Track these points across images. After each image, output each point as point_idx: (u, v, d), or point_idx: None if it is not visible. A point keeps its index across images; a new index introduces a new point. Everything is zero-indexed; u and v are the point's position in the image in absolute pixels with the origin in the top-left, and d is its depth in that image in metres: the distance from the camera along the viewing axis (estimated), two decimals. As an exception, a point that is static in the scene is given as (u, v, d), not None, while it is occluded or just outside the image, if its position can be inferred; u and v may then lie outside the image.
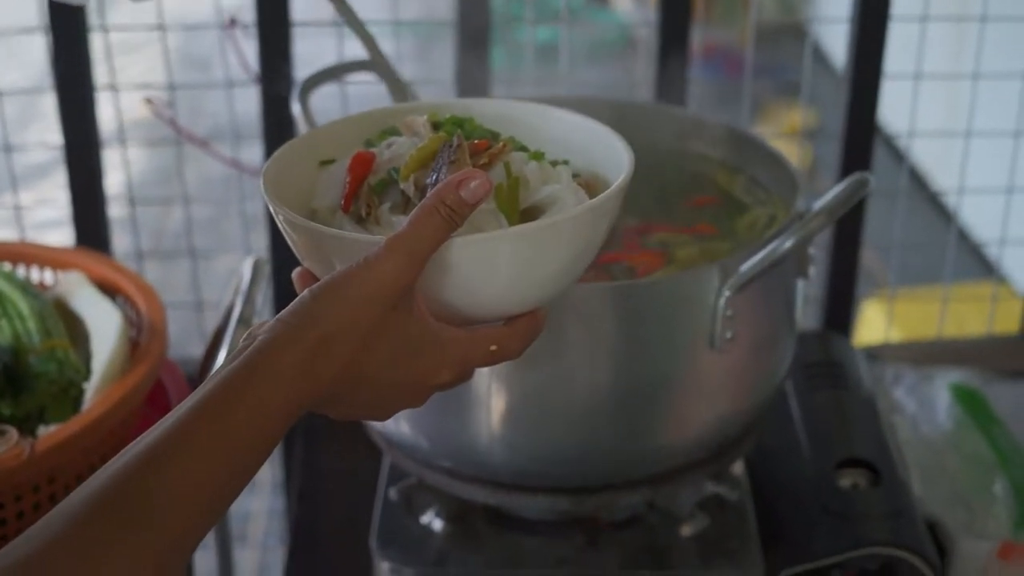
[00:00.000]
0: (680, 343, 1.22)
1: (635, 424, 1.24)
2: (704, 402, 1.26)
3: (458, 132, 0.96)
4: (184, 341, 2.21)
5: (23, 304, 1.38)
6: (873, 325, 2.47)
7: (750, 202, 1.43)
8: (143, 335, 1.38)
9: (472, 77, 1.73)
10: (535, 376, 1.21)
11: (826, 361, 1.57)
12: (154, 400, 1.45)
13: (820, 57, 4.48)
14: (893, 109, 1.82)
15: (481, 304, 0.91)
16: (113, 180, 1.75)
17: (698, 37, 1.71)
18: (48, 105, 1.70)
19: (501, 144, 0.96)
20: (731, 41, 4.72)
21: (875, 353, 1.77)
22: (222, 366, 0.84)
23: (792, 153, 3.96)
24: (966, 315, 2.21)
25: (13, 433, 1.23)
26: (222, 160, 1.70)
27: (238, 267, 1.44)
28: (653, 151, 1.49)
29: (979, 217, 2.79)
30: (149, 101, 1.67)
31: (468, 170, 0.88)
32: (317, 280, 0.91)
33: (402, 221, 0.90)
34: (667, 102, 1.73)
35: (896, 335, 2.21)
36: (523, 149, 0.97)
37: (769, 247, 1.19)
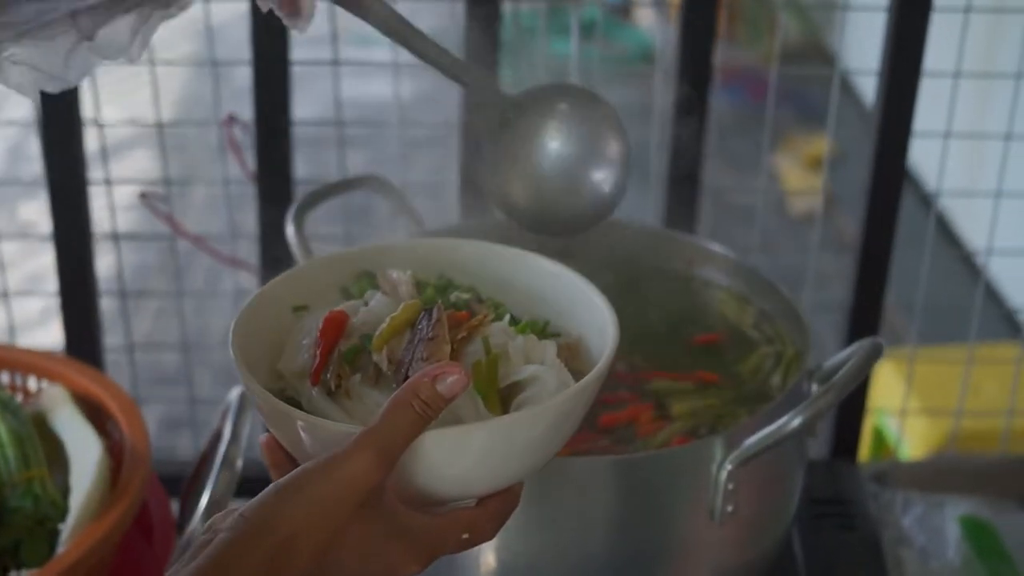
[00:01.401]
0: (679, 516, 1.17)
1: (630, 594, 1.19)
2: (704, 571, 1.22)
3: (438, 304, 0.91)
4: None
5: (3, 427, 1.34)
6: (888, 387, 2.36)
7: (757, 338, 1.37)
8: (125, 461, 1.33)
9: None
10: (526, 546, 1.16)
11: (834, 498, 1.51)
12: (137, 520, 1.41)
13: (844, 84, 4.41)
14: (920, 160, 1.70)
15: (453, 487, 0.87)
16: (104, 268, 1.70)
17: (719, 58, 1.63)
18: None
19: (482, 316, 0.92)
20: (752, 63, 4.65)
21: (884, 472, 1.72)
22: (184, 562, 0.80)
23: (813, 183, 3.91)
24: (986, 378, 2.12)
25: (-18, 587, 1.18)
26: (217, 258, 1.66)
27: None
28: (657, 276, 1.44)
29: (1007, 276, 2.70)
30: (143, 196, 1.62)
31: (445, 364, 0.84)
32: (283, 451, 0.89)
33: (373, 395, 0.88)
34: (686, 128, 1.66)
35: (914, 402, 2.11)
36: (503, 316, 0.93)
37: (777, 423, 1.14)
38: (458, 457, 0.85)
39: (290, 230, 1.37)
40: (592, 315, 0.96)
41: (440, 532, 0.86)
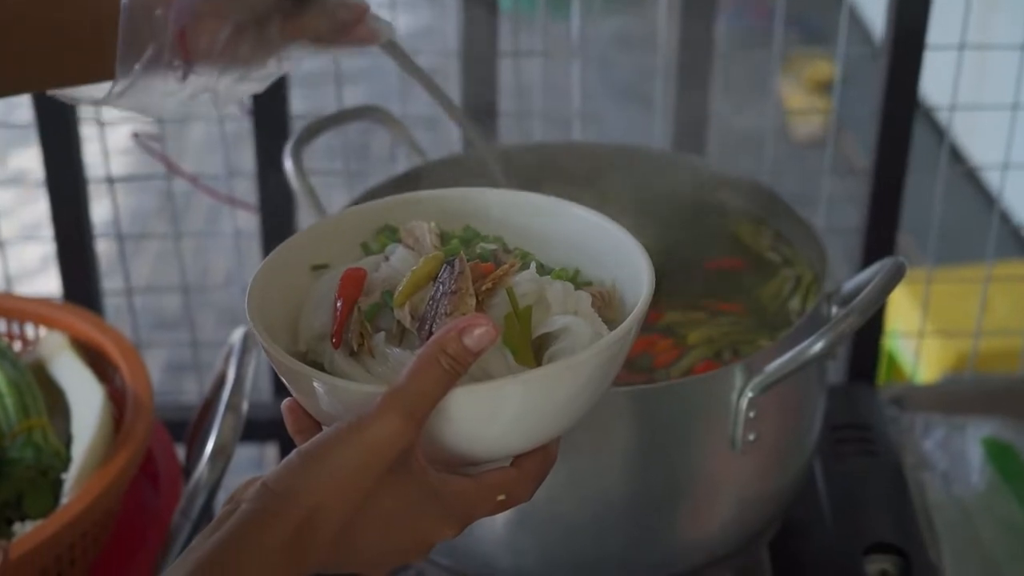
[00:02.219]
0: (699, 447, 1.14)
1: (651, 527, 1.17)
2: (725, 501, 1.19)
3: (460, 255, 0.85)
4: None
5: (0, 376, 1.30)
6: (898, 310, 2.31)
7: (775, 260, 1.34)
8: (128, 408, 1.30)
9: (479, 25, 1.59)
10: (545, 480, 1.13)
11: (853, 423, 1.48)
12: (143, 467, 1.38)
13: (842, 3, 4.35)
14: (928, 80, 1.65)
15: (484, 447, 0.82)
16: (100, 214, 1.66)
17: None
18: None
19: (507, 265, 0.86)
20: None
21: (902, 395, 1.68)
22: (206, 533, 0.76)
23: (817, 107, 3.85)
24: (998, 297, 2.07)
25: (-15, 538, 1.15)
26: (214, 196, 1.62)
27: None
28: (669, 203, 1.40)
29: (1013, 192, 2.63)
30: (136, 136, 1.58)
31: (472, 316, 0.79)
32: (307, 415, 0.84)
33: (398, 354, 0.83)
34: (691, 52, 1.62)
35: (930, 325, 2.07)
36: (529, 265, 0.88)
37: (798, 347, 1.10)
38: (489, 414, 0.80)
39: (288, 164, 1.32)
40: (626, 261, 0.90)
41: (474, 495, 0.81)
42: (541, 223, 0.95)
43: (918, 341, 1.84)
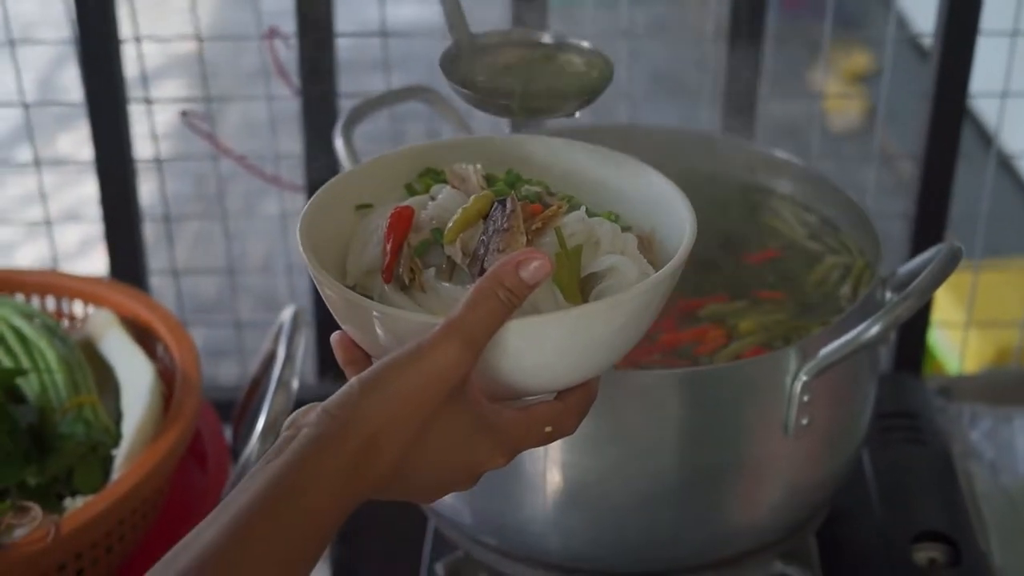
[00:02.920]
0: (751, 430, 1.13)
1: (701, 510, 1.16)
2: (775, 486, 1.18)
3: (512, 194, 0.88)
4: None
5: (50, 353, 1.31)
6: (939, 304, 2.26)
7: (820, 249, 1.33)
8: (177, 387, 1.30)
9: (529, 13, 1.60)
10: (595, 461, 1.13)
11: (900, 411, 1.47)
12: (191, 447, 1.38)
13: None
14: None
15: (534, 379, 0.85)
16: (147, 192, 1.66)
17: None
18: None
19: (556, 206, 0.88)
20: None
21: (948, 386, 1.67)
22: (268, 457, 0.78)
23: (853, 99, 3.83)
24: None
25: (37, 512, 1.16)
26: (261, 176, 1.62)
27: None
28: (714, 185, 1.39)
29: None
30: (184, 114, 1.58)
31: (527, 250, 0.82)
32: (358, 348, 0.87)
33: (448, 288, 0.85)
34: (738, 49, 1.61)
35: (963, 316, 2.04)
36: (577, 207, 0.90)
37: (853, 332, 1.09)
38: (541, 347, 0.82)
39: (339, 143, 1.32)
40: (666, 207, 0.93)
41: (524, 425, 0.84)
42: (580, 168, 0.98)
43: (962, 333, 1.83)
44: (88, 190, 1.59)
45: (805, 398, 1.11)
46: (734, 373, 1.12)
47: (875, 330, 1.08)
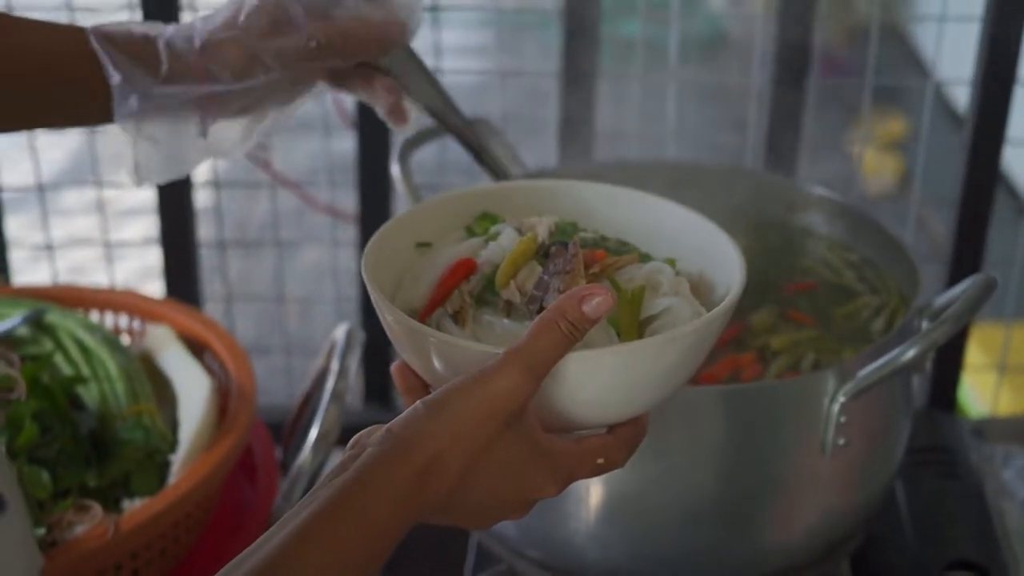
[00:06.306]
0: (789, 448, 1.17)
1: (738, 527, 1.19)
2: (811, 506, 1.21)
3: (575, 239, 0.92)
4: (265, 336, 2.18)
5: (111, 364, 1.36)
6: (973, 362, 2.30)
7: (860, 288, 1.36)
8: (231, 399, 1.35)
9: (578, 68, 1.65)
10: (636, 476, 1.16)
11: (934, 446, 1.50)
12: (241, 463, 1.42)
13: (912, 58, 4.36)
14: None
15: (588, 412, 0.88)
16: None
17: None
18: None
19: (616, 259, 0.92)
20: (824, 40, 4.59)
21: (981, 428, 1.70)
22: (333, 474, 0.81)
23: (888, 164, 3.87)
24: None
25: (97, 510, 1.20)
26: (316, 207, 1.67)
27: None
28: (755, 220, 1.43)
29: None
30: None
31: (591, 286, 0.85)
32: (416, 376, 0.90)
33: (507, 324, 0.89)
34: (780, 116, 1.66)
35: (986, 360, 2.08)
36: (646, 260, 0.94)
37: (891, 354, 1.13)
38: (596, 380, 0.85)
39: (395, 169, 1.37)
40: (714, 250, 0.97)
41: (577, 456, 0.86)
42: (630, 215, 1.02)
43: (995, 377, 1.86)
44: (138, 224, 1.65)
45: (842, 419, 1.14)
46: (774, 391, 1.16)
47: (912, 353, 1.11)
